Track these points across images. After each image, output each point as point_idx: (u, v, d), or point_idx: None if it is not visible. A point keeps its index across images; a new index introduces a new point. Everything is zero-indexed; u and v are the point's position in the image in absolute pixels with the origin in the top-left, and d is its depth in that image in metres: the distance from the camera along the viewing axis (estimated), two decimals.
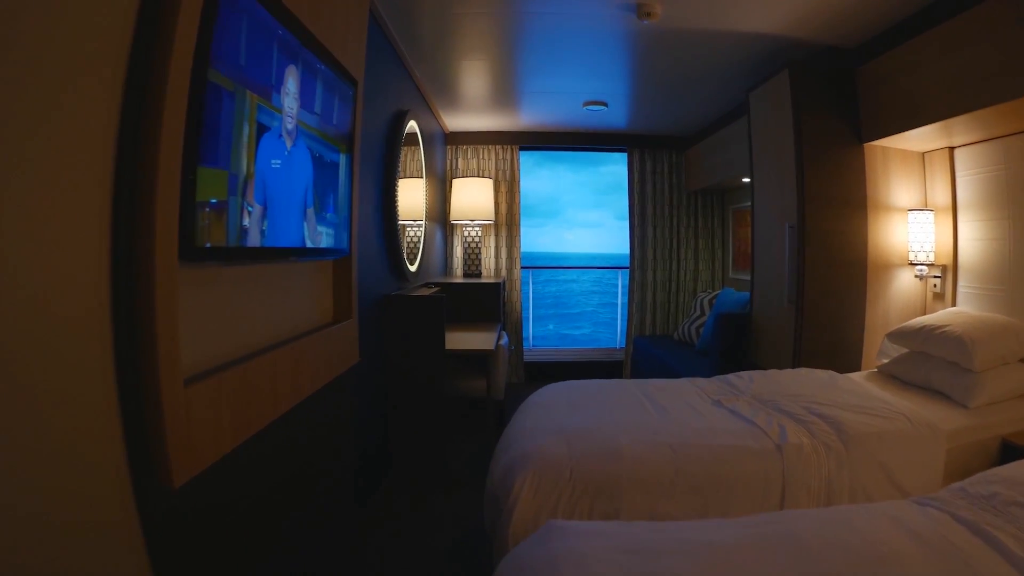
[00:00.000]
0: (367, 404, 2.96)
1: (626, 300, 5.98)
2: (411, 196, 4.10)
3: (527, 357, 6.05)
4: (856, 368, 3.17)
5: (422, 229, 4.14)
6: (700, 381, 2.73)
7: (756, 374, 2.74)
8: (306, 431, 1.84)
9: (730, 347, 3.62)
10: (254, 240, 1.36)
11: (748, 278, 5.06)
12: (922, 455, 2.16)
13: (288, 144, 1.55)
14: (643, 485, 1.72)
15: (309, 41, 1.64)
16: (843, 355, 3.15)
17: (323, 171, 1.85)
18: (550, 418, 2.15)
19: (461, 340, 3.53)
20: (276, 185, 1.48)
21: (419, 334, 3.09)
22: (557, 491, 1.69)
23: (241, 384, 1.35)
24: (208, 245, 1.18)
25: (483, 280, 4.69)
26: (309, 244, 1.73)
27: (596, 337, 18.45)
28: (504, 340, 3.70)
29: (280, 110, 1.48)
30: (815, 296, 3.02)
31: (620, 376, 5.95)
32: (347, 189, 2.12)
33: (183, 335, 1.17)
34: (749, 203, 5.01)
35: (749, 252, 5.08)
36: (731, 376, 2.76)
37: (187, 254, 1.13)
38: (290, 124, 1.56)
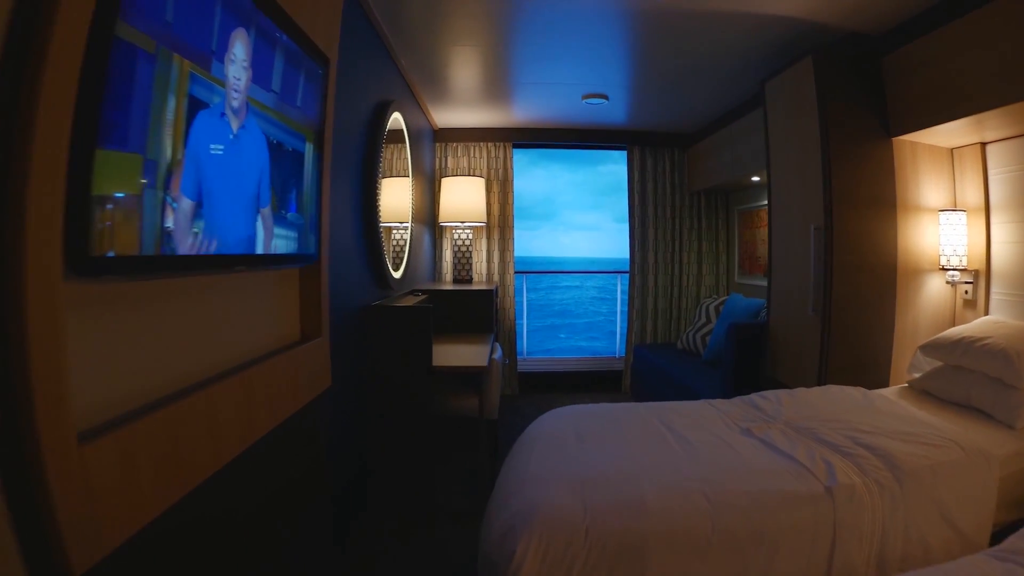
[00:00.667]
0: (345, 431, 2.67)
1: (626, 306, 5.72)
2: (397, 196, 3.82)
3: (521, 367, 5.78)
4: (884, 383, 2.92)
5: (408, 232, 3.85)
6: (722, 404, 2.46)
7: (783, 394, 2.47)
8: (266, 475, 1.56)
9: (745, 360, 3.36)
10: (184, 246, 1.08)
11: (756, 283, 4.83)
12: (975, 487, 1.91)
13: (234, 125, 1.26)
14: (673, 544, 1.43)
15: (266, 3, 1.36)
16: (871, 369, 2.90)
17: (283, 162, 1.56)
18: (556, 458, 1.85)
19: (451, 354, 3.24)
20: (216, 176, 1.19)
21: (403, 349, 2.80)
22: (569, 557, 1.39)
23: (166, 432, 1.06)
24: (111, 254, 0.89)
25: (474, 287, 4.41)
26: (263, 250, 1.44)
27: (593, 347, 18.10)
28: (498, 353, 3.43)
29: (223, 82, 1.20)
30: (843, 305, 2.77)
31: (620, 388, 5.69)
32: (315, 185, 1.83)
33: (77, 374, 0.88)
34: (756, 204, 4.79)
35: (756, 255, 4.84)
36: (755, 397, 2.50)
37: (79, 266, 0.85)
38: (237, 101, 1.28)
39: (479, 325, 4.12)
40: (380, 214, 3.06)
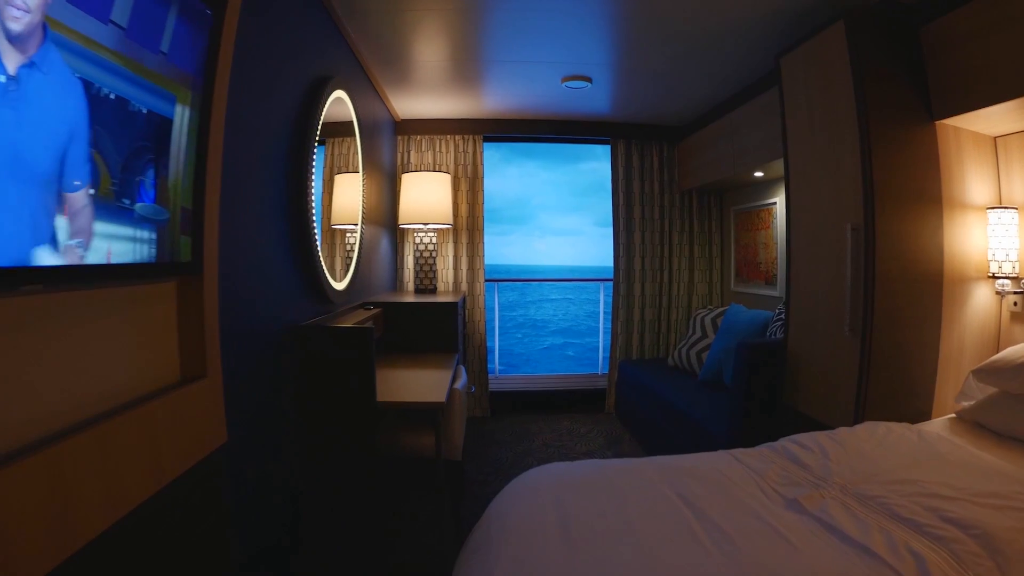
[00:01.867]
0: (264, 484, 2.12)
1: (609, 319, 5.25)
2: (352, 195, 3.30)
3: (494, 386, 5.27)
4: (927, 414, 2.48)
5: (358, 235, 3.33)
6: (749, 456, 1.95)
7: (824, 440, 2.00)
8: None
9: (758, 386, 2.90)
10: None
11: (755, 292, 4.39)
12: None
13: (10, 61, 0.74)
14: None
15: None
16: (912, 398, 2.46)
17: (127, 127, 1.04)
18: None
19: (404, 383, 2.72)
20: None
21: (340, 379, 2.28)
22: None
23: None
24: None
25: (439, 298, 3.89)
26: (67, 259, 0.91)
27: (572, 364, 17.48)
28: (462, 380, 2.92)
29: None
30: (886, 323, 2.32)
31: (603, 408, 5.21)
32: (194, 166, 1.31)
33: None
34: (756, 203, 4.34)
35: (756, 261, 4.41)
36: (789, 444, 2.01)
37: None
38: (19, 22, 0.76)
39: (442, 343, 3.59)
40: (312, 212, 2.52)
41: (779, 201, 4.00)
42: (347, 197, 3.31)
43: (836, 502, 1.59)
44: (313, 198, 2.51)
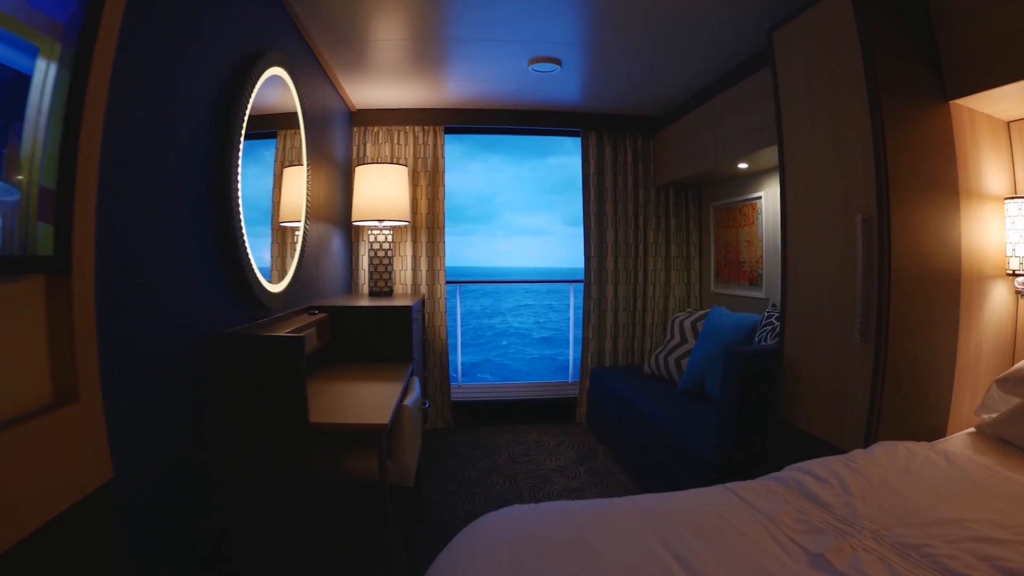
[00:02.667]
0: (176, 530, 1.73)
1: (579, 324, 4.94)
2: (297, 190, 2.94)
3: (456, 395, 4.91)
4: (942, 430, 2.22)
5: (301, 233, 2.95)
6: (754, 495, 1.62)
7: (842, 470, 1.69)
8: None
9: (748, 398, 2.61)
10: None
11: (738, 293, 4.12)
12: None
13: None
14: None
15: None
16: (926, 411, 2.19)
17: None
18: None
19: (345, 401, 2.35)
20: None
21: (266, 398, 1.91)
22: None
23: None
24: None
25: (394, 302, 3.53)
26: None
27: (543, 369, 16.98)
28: (414, 395, 2.56)
29: None
30: (902, 328, 2.05)
31: (573, 418, 4.90)
32: (55, 135, 0.98)
33: None
34: (738, 198, 4.05)
35: (739, 260, 4.15)
36: (801, 476, 1.70)
37: None
38: None
39: (396, 352, 3.23)
40: (239, 206, 2.14)
41: (765, 195, 3.75)
42: (296, 192, 2.95)
43: (872, 555, 1.28)
44: (240, 190, 2.13)
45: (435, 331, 4.65)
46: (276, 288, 2.55)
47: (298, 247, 2.92)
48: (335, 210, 3.99)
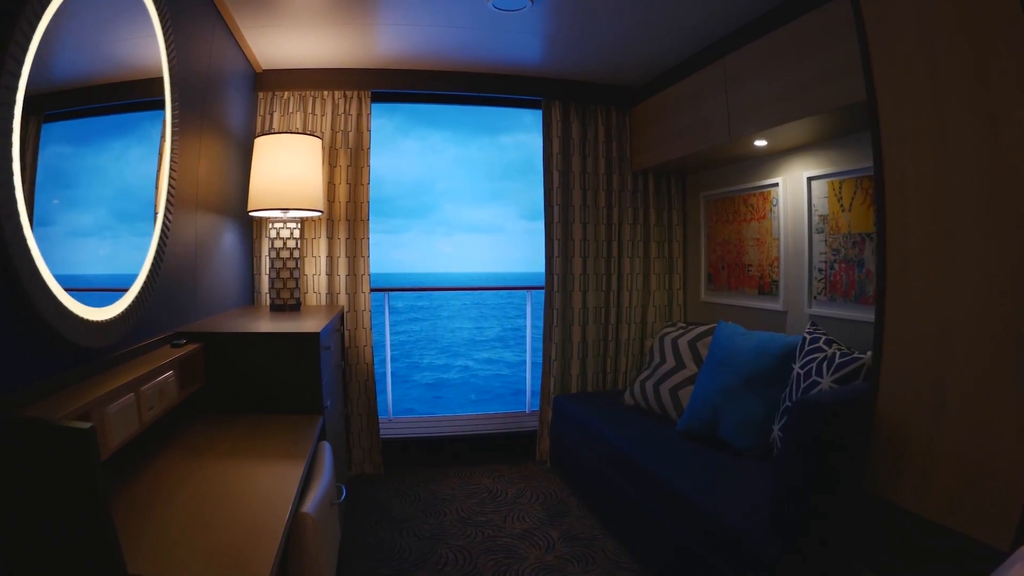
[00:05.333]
0: None
1: (539, 338, 4.16)
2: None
3: (386, 431, 4.05)
4: None
5: (158, 228, 2.04)
6: None
7: None
8: None
9: (817, 463, 1.89)
10: None
11: (738, 303, 3.41)
12: None
13: None
14: None
15: None
16: None
17: None
18: None
19: (200, 518, 1.44)
20: None
21: (38, 525, 1.03)
22: None
23: None
24: None
25: (299, 322, 2.63)
26: None
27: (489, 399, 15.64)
28: (323, 480, 1.71)
29: None
30: None
31: (533, 456, 4.13)
32: None
33: None
34: (741, 187, 3.24)
35: (743, 263, 3.44)
36: None
37: None
38: None
39: (299, 397, 2.33)
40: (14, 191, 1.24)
41: (784, 181, 3.07)
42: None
43: None
44: (17, 164, 1.23)
45: (358, 352, 3.77)
46: (105, 313, 1.64)
47: (151, 249, 2.00)
48: (228, 198, 3.06)
